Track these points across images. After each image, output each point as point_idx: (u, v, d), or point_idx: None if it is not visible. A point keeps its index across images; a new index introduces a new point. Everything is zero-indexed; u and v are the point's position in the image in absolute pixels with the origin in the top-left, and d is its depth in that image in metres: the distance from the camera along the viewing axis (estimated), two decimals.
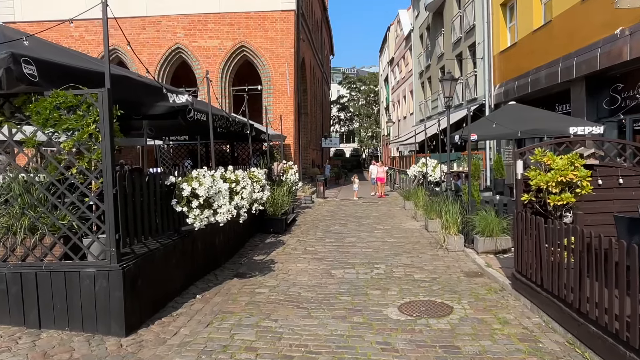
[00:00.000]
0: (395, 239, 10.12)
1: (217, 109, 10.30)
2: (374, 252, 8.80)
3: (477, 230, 8.45)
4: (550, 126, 9.28)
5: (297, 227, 12.12)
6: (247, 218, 7.85)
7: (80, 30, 21.32)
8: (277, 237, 10.64)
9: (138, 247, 5.34)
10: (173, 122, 12.36)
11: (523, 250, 5.71)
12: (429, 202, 11.39)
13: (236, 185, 7.68)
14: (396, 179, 24.23)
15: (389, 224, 12.48)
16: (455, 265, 7.78)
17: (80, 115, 4.56)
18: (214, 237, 7.61)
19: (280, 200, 11.33)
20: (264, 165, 12.80)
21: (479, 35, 17.38)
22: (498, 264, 7.56)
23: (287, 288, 6.50)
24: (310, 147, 28.43)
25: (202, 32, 20.91)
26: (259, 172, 9.46)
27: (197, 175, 6.07)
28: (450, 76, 11.55)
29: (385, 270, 7.47)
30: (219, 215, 6.15)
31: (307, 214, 14.69)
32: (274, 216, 11.13)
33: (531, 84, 12.98)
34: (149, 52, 21.04)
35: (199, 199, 5.82)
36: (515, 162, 5.90)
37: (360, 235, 10.62)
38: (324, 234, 10.97)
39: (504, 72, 15.31)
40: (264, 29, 20.72)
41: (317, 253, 8.84)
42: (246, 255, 8.79)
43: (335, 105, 58.67)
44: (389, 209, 15.92)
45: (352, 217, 13.94)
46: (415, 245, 9.40)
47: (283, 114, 20.81)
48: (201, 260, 6.98)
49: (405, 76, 33.23)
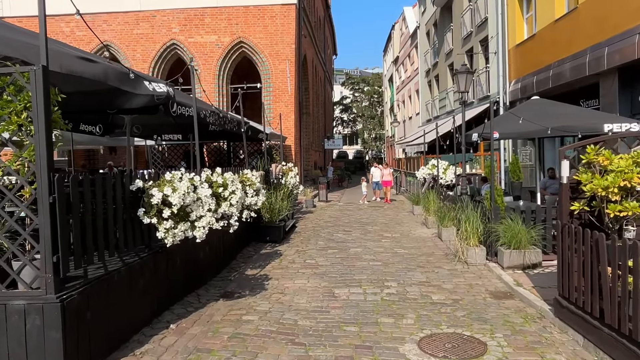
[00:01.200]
0: (406, 250, 9.02)
1: (207, 105, 9.24)
2: (383, 266, 7.71)
3: (502, 242, 7.35)
4: (583, 123, 8.17)
5: (297, 234, 11.04)
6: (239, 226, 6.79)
7: (71, 26, 20.32)
8: (274, 246, 9.56)
9: (94, 267, 4.28)
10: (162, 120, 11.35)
11: (571, 271, 4.62)
12: (442, 207, 10.29)
13: (224, 190, 6.62)
14: (402, 181, 23.13)
15: (397, 231, 11.38)
16: (478, 284, 6.68)
17: (7, 100, 3.50)
18: (197, 250, 6.53)
19: (277, 206, 10.26)
20: (261, 167, 11.73)
21: (492, 29, 16.29)
22: (529, 282, 6.46)
23: (281, 314, 5.41)
24: (312, 148, 27.37)
25: (198, 27, 19.90)
26: (252, 175, 8.39)
27: (171, 178, 4.99)
28: (465, 69, 10.46)
29: (397, 290, 6.38)
30: (197, 229, 5.07)
31: (308, 220, 13.61)
32: (271, 223, 10.06)
33: (553, 79, 11.87)
34: (142, 49, 20.05)
35: (171, 207, 4.74)
36: (560, 161, 4.81)
37: (367, 245, 9.53)
38: (326, 243, 9.88)
39: (520, 66, 14.21)
40: (264, 24, 19.69)
41: (318, 267, 7.76)
42: (237, 269, 7.72)
43: (338, 106, 57.63)
44: (396, 214, 14.82)
45: (356, 223, 12.85)
46: (430, 258, 8.30)
47: (283, 113, 19.74)
48: (180, 279, 5.91)
49: (411, 75, 32.14)
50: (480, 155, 16.19)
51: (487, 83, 17.15)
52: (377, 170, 19.86)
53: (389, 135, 45.94)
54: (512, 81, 14.85)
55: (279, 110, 19.17)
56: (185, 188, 4.88)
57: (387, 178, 18.64)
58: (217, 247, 7.47)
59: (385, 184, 18.63)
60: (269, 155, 15.34)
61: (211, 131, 12.44)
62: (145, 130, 11.74)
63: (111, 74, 5.13)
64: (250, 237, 9.86)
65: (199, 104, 8.41)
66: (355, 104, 57.54)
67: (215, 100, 19.55)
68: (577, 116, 8.68)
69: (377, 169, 19.95)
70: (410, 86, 32.60)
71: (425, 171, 14.30)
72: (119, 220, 4.52)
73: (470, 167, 15.63)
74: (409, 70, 32.99)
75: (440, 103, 23.97)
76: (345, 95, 58.24)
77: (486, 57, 17.46)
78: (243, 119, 10.19)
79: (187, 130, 12.57)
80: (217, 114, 8.71)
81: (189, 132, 13.11)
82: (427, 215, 11.87)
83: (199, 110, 8.09)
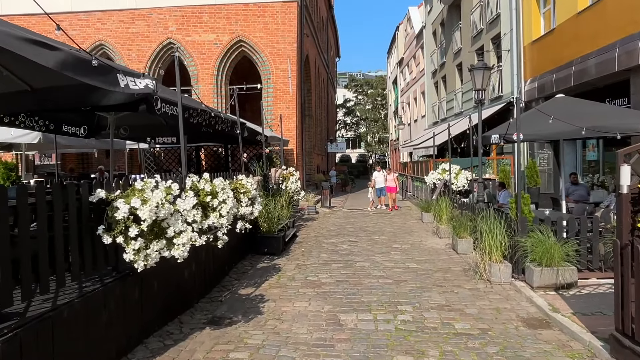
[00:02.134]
0: (419, 264, 8.10)
1: (196, 102, 8.36)
2: (395, 285, 6.79)
3: (531, 258, 6.43)
4: (619, 122, 7.25)
5: (298, 245, 10.14)
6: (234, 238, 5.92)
7: (64, 25, 19.23)
8: (273, 259, 8.66)
9: (43, 299, 3.40)
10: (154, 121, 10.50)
11: (637, 304, 3.71)
12: (457, 216, 9.37)
13: (212, 199, 5.74)
14: (408, 186, 22.21)
15: (407, 241, 10.47)
16: (506, 307, 5.76)
17: None
18: (181, 269, 5.64)
19: (276, 215, 9.36)
20: (259, 172, 10.86)
21: (505, 25, 15.41)
22: (567, 307, 5.54)
23: (276, 350, 4.50)
24: (315, 151, 26.50)
25: (196, 25, 19.10)
26: (248, 182, 7.51)
27: (142, 187, 4.11)
28: (482, 64, 9.58)
29: (413, 316, 5.47)
30: (176, 248, 4.18)
31: (310, 228, 12.71)
32: (269, 234, 9.16)
33: (575, 76, 10.96)
34: (138, 48, 19.26)
35: (141, 224, 3.86)
36: (620, 167, 3.90)
37: (375, 259, 8.61)
38: (330, 255, 8.98)
39: (537, 64, 13.31)
40: (264, 22, 18.87)
41: (320, 285, 6.85)
42: (230, 288, 6.82)
43: (341, 109, 56.77)
44: (404, 221, 13.90)
45: (362, 232, 11.94)
46: (446, 274, 7.38)
47: (285, 114, 18.88)
48: (158, 306, 5.01)
49: (416, 77, 31.27)
50: (493, 159, 15.26)
51: (499, 83, 16.25)
52: (380, 174, 17.93)
53: (392, 138, 45.04)
54: (527, 80, 13.95)
55: (280, 112, 18.30)
56: (159, 199, 4.00)
57: (392, 184, 16.99)
58: (206, 264, 6.58)
59: (390, 190, 17.04)
60: (268, 159, 14.48)
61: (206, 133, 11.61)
62: (134, 132, 10.84)
63: (71, 63, 4.26)
64: (246, 249, 8.97)
65: (188, 102, 7.56)
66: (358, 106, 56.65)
67: (213, 101, 18.73)
68: (609, 115, 7.76)
69: (380, 173, 18.01)
70: (415, 88, 31.72)
71: (435, 176, 13.39)
72: (73, 240, 3.63)
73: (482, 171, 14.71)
74: (414, 71, 32.12)
75: (448, 105, 23.07)
76: (349, 98, 57.36)
77: (498, 56, 16.57)
78: (239, 119, 9.31)
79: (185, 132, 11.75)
80: (208, 113, 7.83)
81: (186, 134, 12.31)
82: (439, 224, 10.96)
83: (187, 108, 7.24)
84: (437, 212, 11.03)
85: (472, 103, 19.19)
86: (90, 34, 19.38)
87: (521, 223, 6.72)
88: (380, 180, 17.45)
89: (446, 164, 13.44)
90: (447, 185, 12.72)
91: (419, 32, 29.54)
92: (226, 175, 7.63)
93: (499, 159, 15.48)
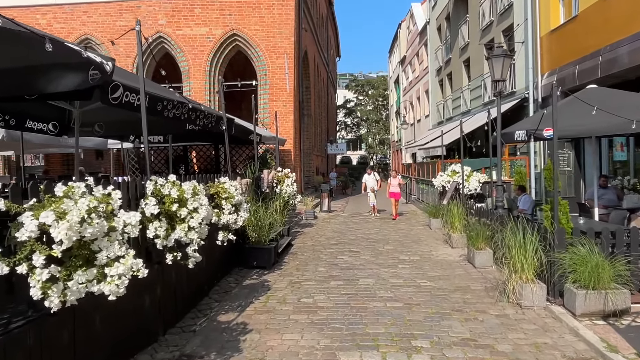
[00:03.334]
0: (432, 281, 6.94)
1: (168, 91, 7.22)
2: (406, 310, 5.64)
3: (573, 279, 5.29)
4: None
5: (293, 256, 8.99)
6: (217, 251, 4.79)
7: (47, 18, 18.43)
8: (262, 275, 7.51)
9: None
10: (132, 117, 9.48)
11: None
12: (474, 224, 8.21)
13: (180, 208, 4.62)
14: (412, 189, 21.05)
15: (415, 251, 9.32)
16: (547, 343, 4.61)
17: None
18: (139, 295, 4.49)
19: (267, 222, 8.21)
20: (250, 174, 9.71)
21: (519, 15, 14.27)
22: (626, 344, 4.40)
23: None
24: (314, 152, 25.35)
25: (187, 18, 17.98)
26: (232, 185, 6.38)
27: (67, 193, 2.96)
28: (502, 51, 8.46)
29: (432, 356, 4.31)
30: (108, 282, 3.01)
31: (307, 236, 11.55)
32: (259, 244, 8.00)
33: (603, 67, 9.82)
34: (126, 42, 18.05)
35: (52, 249, 2.70)
36: None
37: (380, 274, 7.45)
38: (328, 269, 7.82)
39: (556, 55, 12.16)
40: (259, 15, 17.75)
41: (316, 310, 5.69)
42: (207, 313, 5.67)
43: (341, 110, 55.64)
44: (410, 228, 12.74)
45: (364, 240, 10.79)
46: (466, 295, 6.23)
47: (281, 113, 17.75)
48: (104, 346, 3.86)
49: (420, 75, 30.13)
50: (506, 160, 14.10)
51: (511, 78, 15.10)
52: (371, 178, 15.77)
53: (394, 139, 43.90)
54: (544, 74, 12.79)
55: (276, 110, 17.15)
56: (83, 212, 2.84)
57: (395, 189, 14.76)
58: (178, 285, 5.43)
59: (393, 196, 14.80)
60: (262, 160, 13.35)
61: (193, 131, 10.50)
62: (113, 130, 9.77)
63: None
64: (232, 263, 7.82)
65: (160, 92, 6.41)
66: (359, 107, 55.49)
67: (205, 99, 17.61)
68: None
69: (370, 176, 15.83)
70: (418, 87, 30.58)
71: (444, 178, 12.23)
72: None
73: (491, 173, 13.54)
74: (417, 70, 30.99)
75: (454, 103, 21.93)
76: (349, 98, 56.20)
77: (510, 49, 15.41)
78: (224, 114, 8.17)
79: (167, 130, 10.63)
80: (186, 105, 6.68)
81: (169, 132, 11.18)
82: (450, 232, 9.80)
83: (159, 99, 6.10)
84: (448, 218, 9.88)
85: (480, 101, 18.05)
86: (76, 28, 18.29)
87: (559, 235, 5.57)
88: (370, 184, 15.68)
89: (456, 165, 12.30)
90: (457, 188, 11.57)
91: (422, 28, 28.43)
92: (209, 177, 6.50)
93: (513, 160, 14.33)
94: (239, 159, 16.62)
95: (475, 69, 18.80)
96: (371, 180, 15.78)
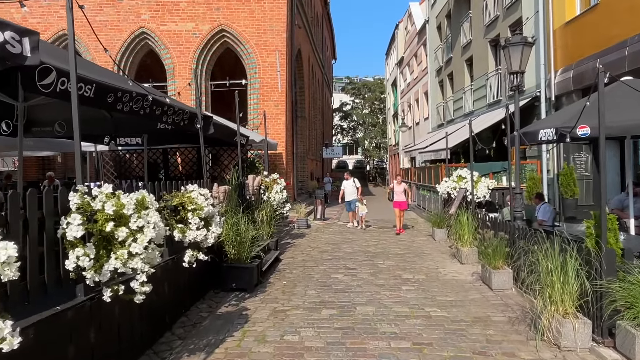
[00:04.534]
0: (444, 310, 5.78)
1: (117, 75, 6.02)
2: (416, 353, 4.46)
3: (629, 315, 4.14)
4: None
5: (280, 275, 7.82)
6: (184, 273, 3.64)
7: (22, 12, 17.24)
8: (242, 300, 6.33)
9: None
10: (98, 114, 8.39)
11: None
12: (490, 239, 7.07)
13: (116, 227, 3.47)
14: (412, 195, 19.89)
15: (420, 268, 8.16)
16: None
17: None
18: (59, 342, 3.32)
19: (249, 236, 7.02)
20: (233, 180, 8.52)
21: (528, 8, 13.21)
22: None
23: None
24: (309, 156, 24.22)
25: (172, 12, 16.83)
26: (200, 194, 5.21)
27: None
28: (521, 39, 7.36)
29: None
30: None
31: (298, 248, 10.38)
32: (239, 262, 6.82)
33: (630, 59, 8.72)
34: (106, 38, 16.92)
35: None
36: None
37: (381, 299, 6.28)
38: (320, 293, 6.64)
39: (572, 50, 11.07)
40: (249, 9, 16.63)
41: (302, 353, 4.52)
42: (165, 356, 4.48)
43: (337, 114, 54.55)
44: (412, 239, 11.60)
45: (362, 254, 9.62)
46: (488, 329, 5.07)
47: (273, 114, 16.62)
48: None
49: (418, 76, 29.07)
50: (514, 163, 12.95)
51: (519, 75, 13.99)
52: (350, 184, 14.04)
53: (392, 143, 42.81)
54: (558, 70, 11.71)
55: (267, 110, 15.99)
56: None
57: (400, 197, 12.50)
58: (124, 323, 4.23)
59: (398, 206, 12.50)
60: (250, 164, 12.18)
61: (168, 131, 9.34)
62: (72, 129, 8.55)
63: None
64: (208, 284, 6.65)
65: (112, 81, 5.22)
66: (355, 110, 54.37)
67: (191, 99, 16.40)
68: None
69: (349, 182, 14.13)
70: (417, 88, 29.51)
71: (449, 184, 11.09)
72: None
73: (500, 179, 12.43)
74: (416, 71, 29.94)
75: (456, 105, 20.85)
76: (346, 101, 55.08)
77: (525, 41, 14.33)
78: (199, 109, 6.99)
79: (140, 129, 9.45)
80: (146, 97, 5.49)
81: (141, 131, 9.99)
82: (459, 246, 8.66)
83: (109, 90, 4.96)
84: (457, 230, 8.73)
85: (485, 101, 16.98)
86: (53, 23, 17.12)
87: (608, 258, 4.43)
88: (349, 192, 14.05)
89: (463, 170, 11.17)
90: (465, 196, 10.44)
91: (421, 27, 27.39)
92: (160, 187, 5.34)
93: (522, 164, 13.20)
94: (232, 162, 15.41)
95: (478, 67, 17.74)
96: (350, 187, 14.15)
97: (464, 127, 13.89)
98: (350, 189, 14.11)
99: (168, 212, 5.17)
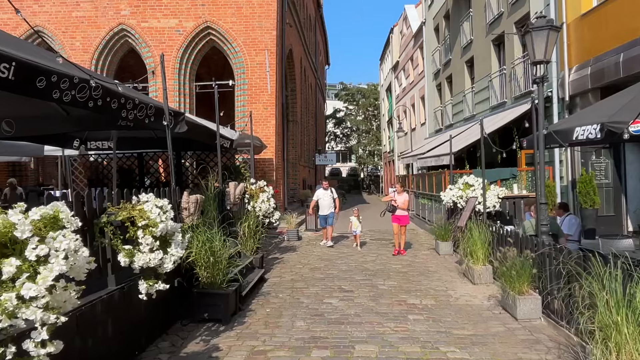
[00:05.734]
0: (464, 349, 4.63)
1: (49, 54, 4.84)
2: None
3: None
4: None
5: (263, 299, 6.64)
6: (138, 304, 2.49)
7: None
8: (215, 334, 5.16)
9: None
10: (52, 110, 7.28)
11: None
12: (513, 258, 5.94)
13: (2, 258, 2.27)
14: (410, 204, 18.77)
15: (427, 290, 7.04)
16: None
17: None
18: None
19: (225, 255, 5.85)
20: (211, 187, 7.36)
21: (536, 2, 12.25)
22: None
23: None
24: (301, 163, 23.09)
25: (154, 8, 15.73)
26: (156, 207, 4.06)
27: None
28: (546, 22, 6.33)
29: None
30: None
31: (286, 265, 9.21)
32: (212, 287, 5.65)
33: None
34: (84, 35, 15.81)
35: None
36: None
37: (384, 333, 5.14)
38: (310, 325, 5.48)
39: (589, 45, 10.08)
40: (237, 5, 15.58)
41: None
42: None
43: (331, 120, 53.55)
44: (414, 253, 10.48)
45: (359, 272, 8.48)
46: None
47: (262, 117, 15.52)
48: None
49: (414, 80, 28.13)
50: (522, 169, 11.94)
51: (526, 75, 13.04)
52: (325, 194, 11.82)
53: (386, 150, 41.80)
54: (573, 67, 10.71)
55: (255, 113, 14.87)
56: None
57: (402, 212, 10.25)
58: None
59: (398, 221, 10.22)
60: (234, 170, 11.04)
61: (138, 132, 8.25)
62: (32, 130, 7.51)
63: None
64: (174, 314, 5.46)
65: (45, 62, 4.05)
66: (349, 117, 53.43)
67: (174, 100, 15.28)
68: None
69: (325, 191, 11.91)
70: (413, 93, 28.55)
71: (455, 192, 10.00)
72: None
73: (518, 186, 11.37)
74: (412, 75, 29.00)
75: (455, 109, 19.85)
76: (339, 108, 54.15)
77: (523, 44, 13.37)
78: (166, 105, 5.84)
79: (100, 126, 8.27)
80: (94, 86, 4.32)
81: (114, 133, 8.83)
82: (471, 264, 7.54)
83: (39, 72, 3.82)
84: (468, 245, 7.62)
85: (487, 104, 15.98)
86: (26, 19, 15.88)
87: None
88: (325, 204, 11.72)
89: (470, 177, 10.09)
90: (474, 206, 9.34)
91: (417, 30, 26.49)
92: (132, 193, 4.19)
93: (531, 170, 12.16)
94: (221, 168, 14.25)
95: (480, 68, 16.76)
96: (326, 198, 11.78)
97: (469, 129, 12.87)
98: (328, 200, 11.83)
99: (112, 229, 4.03)
